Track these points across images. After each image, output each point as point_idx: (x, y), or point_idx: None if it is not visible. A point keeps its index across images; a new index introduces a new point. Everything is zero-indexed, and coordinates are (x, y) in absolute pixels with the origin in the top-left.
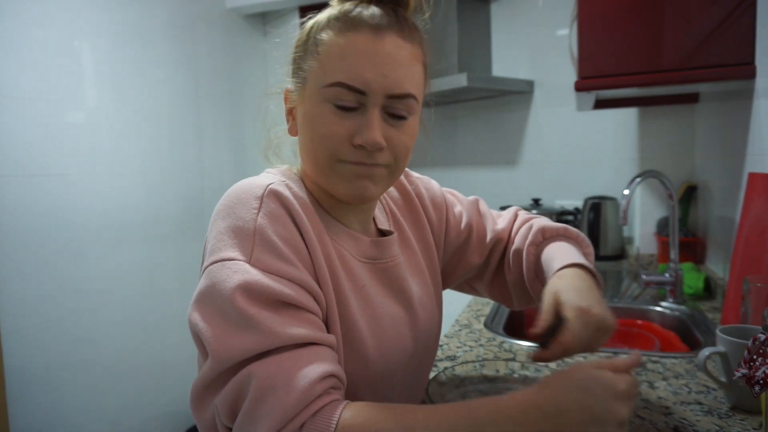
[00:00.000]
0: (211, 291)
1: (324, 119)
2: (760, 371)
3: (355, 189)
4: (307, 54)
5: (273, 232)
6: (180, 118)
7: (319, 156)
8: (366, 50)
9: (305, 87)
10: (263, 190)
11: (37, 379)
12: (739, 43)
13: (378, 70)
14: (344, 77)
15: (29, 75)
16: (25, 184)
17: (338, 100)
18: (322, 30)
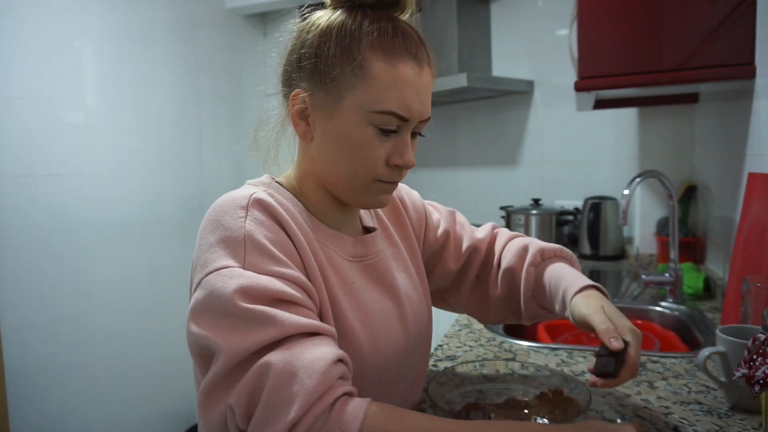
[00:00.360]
0: (209, 299)
1: (367, 142)
2: (760, 371)
3: (379, 202)
4: (347, 71)
5: (262, 236)
6: (180, 118)
7: (356, 173)
8: (413, 83)
9: (341, 103)
10: (247, 200)
11: (37, 379)
12: (739, 43)
13: (420, 101)
14: (396, 107)
15: (29, 75)
16: (25, 184)
17: (384, 125)
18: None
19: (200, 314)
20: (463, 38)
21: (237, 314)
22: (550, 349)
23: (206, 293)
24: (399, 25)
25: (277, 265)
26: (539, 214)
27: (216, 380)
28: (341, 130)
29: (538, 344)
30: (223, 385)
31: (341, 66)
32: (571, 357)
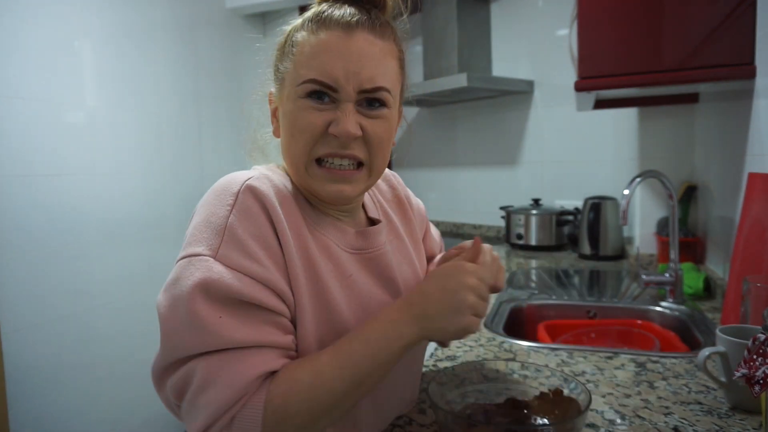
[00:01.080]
0: (174, 284)
1: (300, 113)
2: (759, 371)
3: (331, 191)
4: (285, 56)
5: (243, 229)
6: (180, 118)
7: (296, 153)
8: (337, 48)
9: (283, 88)
10: (240, 186)
11: (37, 379)
12: (739, 43)
13: (349, 67)
14: (316, 74)
15: (29, 75)
16: (25, 184)
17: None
18: (297, 32)
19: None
20: (463, 38)
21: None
22: (550, 349)
23: (174, 278)
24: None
25: (251, 262)
26: (539, 214)
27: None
28: (284, 113)
29: (538, 344)
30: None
31: (282, 53)
32: (571, 357)
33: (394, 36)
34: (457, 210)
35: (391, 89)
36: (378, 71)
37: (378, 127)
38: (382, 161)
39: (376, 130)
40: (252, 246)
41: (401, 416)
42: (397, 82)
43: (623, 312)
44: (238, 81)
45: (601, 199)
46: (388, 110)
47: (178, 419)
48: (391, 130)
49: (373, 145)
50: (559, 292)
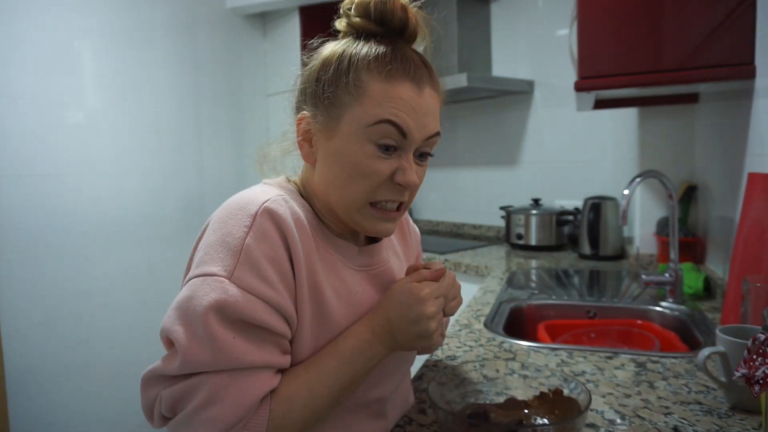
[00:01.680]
0: (188, 304)
1: (367, 159)
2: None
3: (380, 230)
4: (343, 91)
5: (260, 252)
6: (180, 118)
7: (352, 192)
8: (410, 102)
9: (339, 123)
10: (258, 207)
11: (37, 379)
12: (739, 43)
13: (419, 121)
14: (392, 117)
15: (29, 75)
16: (25, 184)
17: (383, 138)
18: (361, 71)
19: (178, 312)
20: (463, 38)
21: (201, 331)
22: (550, 349)
23: (188, 296)
24: (399, 49)
25: (265, 286)
26: (539, 214)
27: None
28: (340, 149)
29: (538, 344)
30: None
31: (336, 85)
32: (571, 357)
33: (441, 85)
34: (457, 210)
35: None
36: (436, 121)
37: (422, 174)
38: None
39: (421, 177)
40: (267, 269)
41: (401, 416)
42: None
43: (623, 312)
44: (238, 81)
45: (601, 199)
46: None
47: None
48: None
49: (415, 190)
50: (559, 292)
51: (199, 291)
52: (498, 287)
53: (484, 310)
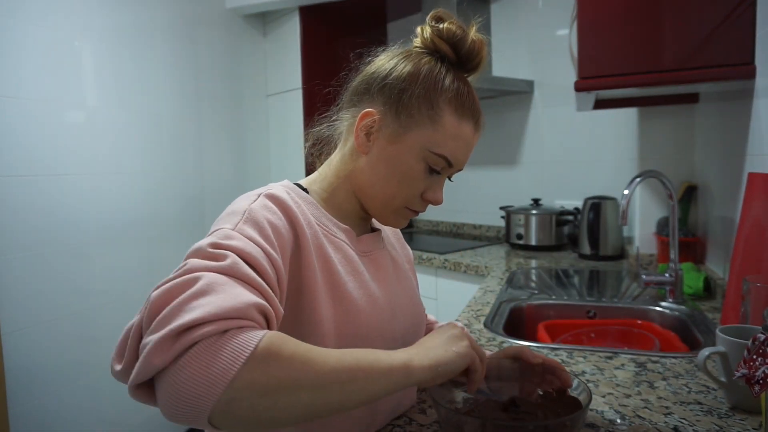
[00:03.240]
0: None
1: (416, 174)
2: (759, 371)
3: (398, 223)
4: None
5: (262, 215)
6: (180, 118)
7: (395, 196)
8: (468, 141)
9: (406, 135)
10: (263, 190)
11: (37, 379)
12: (739, 43)
13: (466, 156)
14: (450, 154)
15: (29, 75)
16: (25, 184)
17: (436, 165)
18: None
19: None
20: None
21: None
22: (550, 349)
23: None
24: (471, 91)
25: (263, 240)
26: (539, 214)
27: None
28: (398, 157)
29: (538, 344)
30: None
31: (419, 106)
32: (571, 357)
33: None
34: (457, 210)
35: None
36: None
37: None
38: None
39: None
40: (267, 230)
41: (401, 416)
42: None
43: (623, 312)
44: (238, 81)
45: (601, 199)
46: None
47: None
48: None
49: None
50: (559, 292)
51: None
52: (498, 287)
53: (484, 310)
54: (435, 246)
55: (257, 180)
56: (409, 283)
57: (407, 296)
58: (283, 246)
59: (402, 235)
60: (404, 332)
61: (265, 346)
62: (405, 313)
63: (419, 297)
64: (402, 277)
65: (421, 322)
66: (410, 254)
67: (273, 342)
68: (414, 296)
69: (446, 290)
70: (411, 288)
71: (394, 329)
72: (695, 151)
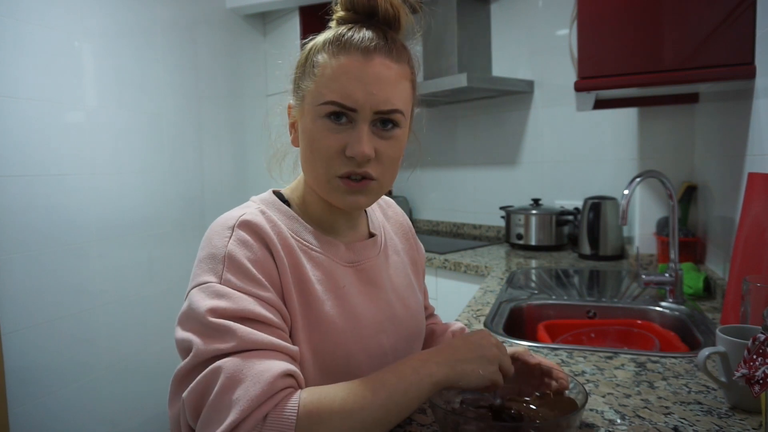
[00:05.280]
0: (189, 310)
1: (319, 133)
2: (759, 371)
3: (349, 202)
4: (305, 75)
5: (242, 255)
6: (180, 117)
7: (317, 168)
8: (356, 72)
9: (303, 104)
10: (235, 221)
11: (37, 379)
12: (739, 43)
13: (367, 89)
14: (336, 96)
15: (29, 75)
16: (25, 184)
17: (331, 113)
18: (318, 52)
19: (183, 322)
20: (463, 38)
21: (208, 325)
22: (550, 349)
23: (188, 305)
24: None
25: (251, 284)
26: (539, 214)
27: (182, 373)
28: (303, 128)
29: (538, 344)
30: (186, 379)
31: (302, 70)
32: (571, 357)
33: (408, 58)
34: (457, 210)
35: (404, 110)
36: (393, 94)
37: (390, 147)
38: (391, 177)
39: (388, 151)
40: (251, 270)
41: None
42: (409, 103)
43: (623, 312)
44: (238, 81)
45: (601, 199)
46: (400, 130)
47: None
48: (401, 149)
49: (385, 164)
50: (559, 292)
51: (195, 298)
52: (498, 287)
53: (484, 310)
54: (435, 246)
55: (257, 180)
56: (407, 290)
57: (403, 306)
58: (270, 278)
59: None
60: (395, 345)
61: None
62: (397, 325)
63: (420, 305)
64: (399, 285)
65: (419, 332)
66: (420, 254)
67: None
68: (412, 304)
69: (446, 290)
70: (409, 296)
71: (381, 344)
72: (695, 151)
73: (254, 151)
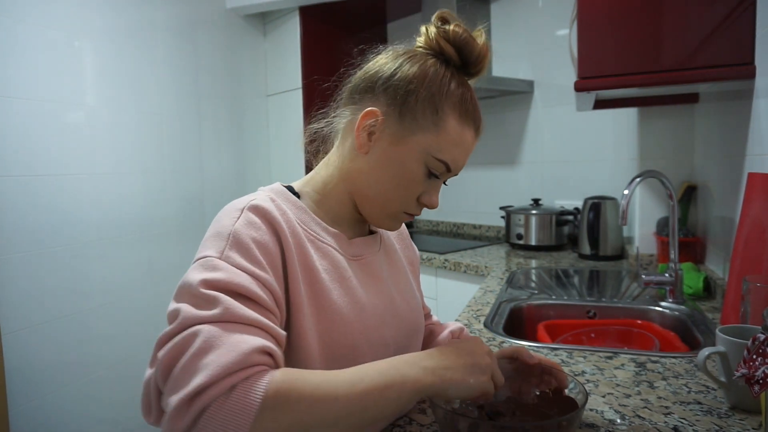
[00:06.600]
0: (183, 282)
1: (416, 177)
2: (759, 371)
3: (392, 227)
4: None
5: (247, 235)
6: (180, 118)
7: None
8: (468, 147)
9: (409, 137)
10: (245, 204)
11: (37, 379)
12: (739, 43)
13: (464, 161)
14: (450, 160)
15: (29, 75)
16: (25, 184)
17: (434, 169)
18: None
19: (177, 292)
20: None
21: (198, 295)
22: (550, 349)
23: (185, 277)
24: (474, 97)
25: (251, 264)
26: (539, 214)
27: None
28: (399, 159)
29: (538, 344)
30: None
31: (423, 110)
32: (571, 357)
33: None
34: (457, 210)
35: None
36: None
37: None
38: None
39: None
40: (254, 251)
41: (401, 416)
42: None
43: (623, 312)
44: (238, 81)
45: (601, 199)
46: None
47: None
48: None
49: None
50: (559, 292)
51: (194, 270)
52: (498, 287)
53: (484, 310)
54: (435, 246)
55: (257, 180)
56: (406, 286)
57: (404, 300)
58: (272, 262)
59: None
60: (396, 338)
61: (273, 394)
62: (398, 319)
63: (419, 301)
64: (399, 281)
65: (418, 327)
66: (416, 255)
67: (280, 388)
68: (411, 300)
69: (446, 290)
70: (408, 291)
71: (383, 335)
72: (695, 151)
73: (254, 151)
